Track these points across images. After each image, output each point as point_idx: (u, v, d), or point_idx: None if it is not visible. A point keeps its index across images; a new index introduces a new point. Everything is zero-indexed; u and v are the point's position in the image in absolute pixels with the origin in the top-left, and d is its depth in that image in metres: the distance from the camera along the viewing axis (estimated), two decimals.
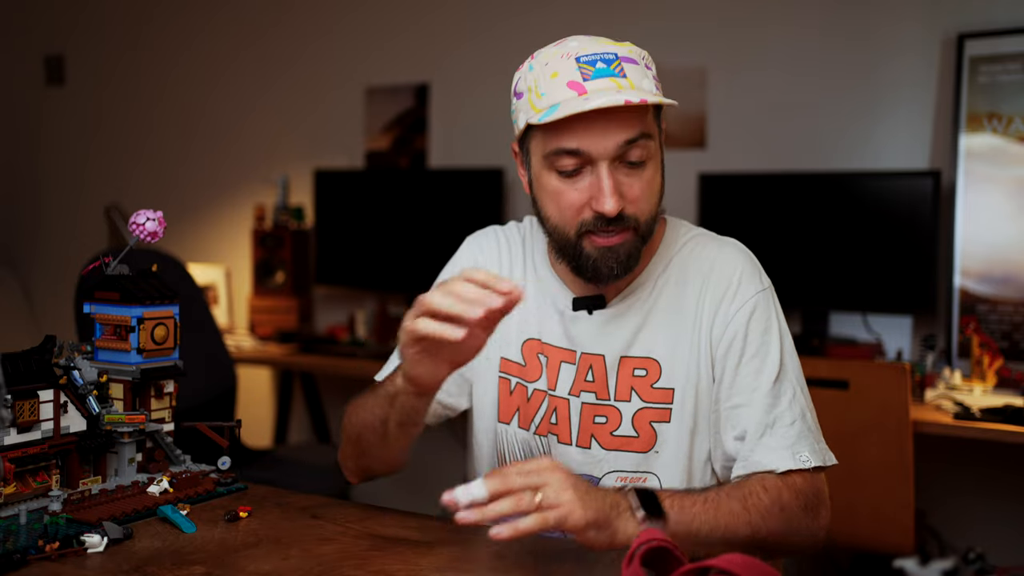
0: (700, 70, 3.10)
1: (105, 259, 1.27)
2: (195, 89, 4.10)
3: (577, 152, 1.15)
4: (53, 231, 4.52)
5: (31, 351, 1.13)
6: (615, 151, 1.15)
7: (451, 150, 3.53)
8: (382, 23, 3.66)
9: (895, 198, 2.69)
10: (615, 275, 1.20)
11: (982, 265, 2.67)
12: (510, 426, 1.32)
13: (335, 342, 3.33)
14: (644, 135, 1.16)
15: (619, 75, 1.15)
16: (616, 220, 1.16)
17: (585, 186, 1.17)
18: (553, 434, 1.28)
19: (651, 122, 1.19)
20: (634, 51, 1.19)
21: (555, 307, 1.31)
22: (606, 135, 1.14)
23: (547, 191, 1.21)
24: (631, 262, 1.20)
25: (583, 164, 1.16)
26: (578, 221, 1.18)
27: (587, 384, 1.27)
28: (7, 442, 1.07)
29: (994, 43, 2.67)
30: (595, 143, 1.14)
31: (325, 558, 1.03)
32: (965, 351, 2.62)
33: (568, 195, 1.18)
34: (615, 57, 1.16)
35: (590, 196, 1.17)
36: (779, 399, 1.20)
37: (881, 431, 2.14)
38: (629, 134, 1.15)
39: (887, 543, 2.15)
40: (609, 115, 1.13)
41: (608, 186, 1.15)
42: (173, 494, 1.20)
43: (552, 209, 1.21)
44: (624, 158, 1.16)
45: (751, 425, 1.19)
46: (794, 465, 1.15)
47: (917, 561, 0.76)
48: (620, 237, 1.18)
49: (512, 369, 1.32)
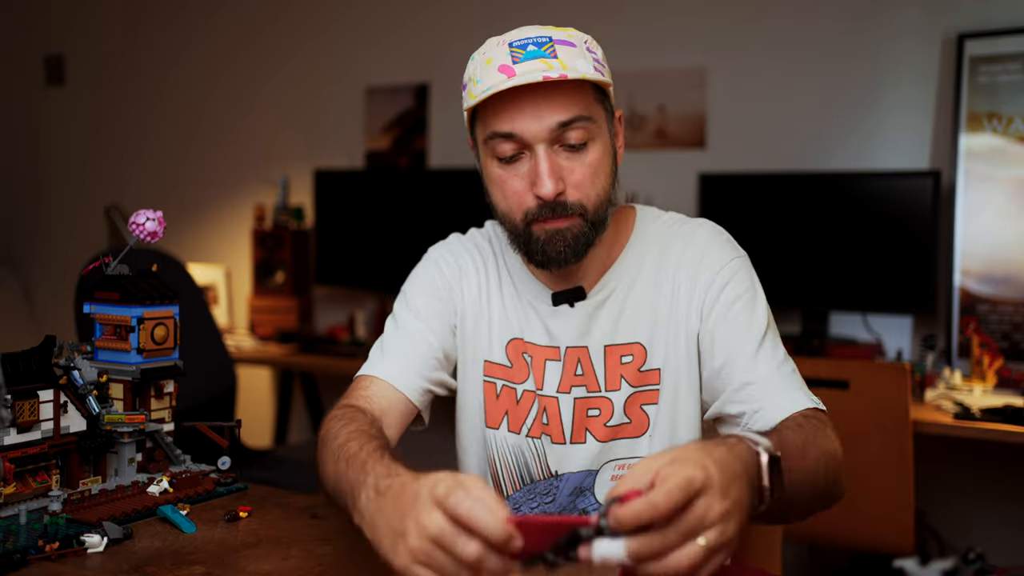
0: (700, 70, 3.10)
1: (105, 259, 1.27)
2: (195, 89, 4.10)
3: (511, 136, 1.15)
4: (53, 231, 4.52)
5: (31, 351, 1.13)
6: (549, 134, 1.14)
7: (451, 150, 3.53)
8: (382, 23, 3.66)
9: (895, 198, 2.69)
10: (564, 259, 1.18)
11: (982, 265, 2.67)
12: (499, 431, 1.30)
13: (335, 342, 3.33)
14: (582, 117, 1.14)
15: (550, 56, 1.13)
16: (560, 207, 1.15)
17: (525, 172, 1.16)
18: (546, 435, 1.27)
19: (593, 105, 1.17)
20: (573, 35, 1.18)
21: (532, 305, 1.30)
22: (538, 117, 1.13)
23: (492, 179, 1.21)
24: (580, 246, 1.18)
25: (520, 149, 1.16)
26: (523, 208, 1.17)
27: (577, 379, 1.26)
28: (7, 442, 1.07)
29: (994, 43, 2.67)
30: (527, 125, 1.13)
31: (325, 558, 1.03)
32: (965, 351, 2.62)
33: (510, 182, 1.18)
34: (548, 40, 1.15)
35: (530, 181, 1.16)
36: (776, 349, 1.20)
37: (881, 431, 2.13)
38: (563, 115, 1.13)
39: (887, 543, 2.15)
40: (540, 97, 1.12)
41: (545, 168, 1.13)
42: (173, 494, 1.20)
43: (498, 196, 1.21)
44: (562, 141, 1.15)
45: (754, 375, 1.18)
46: (812, 404, 1.15)
47: (917, 561, 0.76)
48: (566, 222, 1.16)
49: (497, 372, 1.30)
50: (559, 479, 1.26)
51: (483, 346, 1.31)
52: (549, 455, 1.27)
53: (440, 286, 1.33)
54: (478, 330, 1.32)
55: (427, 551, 0.77)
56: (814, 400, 1.16)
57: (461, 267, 1.35)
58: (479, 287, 1.33)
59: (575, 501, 1.27)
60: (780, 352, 1.20)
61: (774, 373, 1.17)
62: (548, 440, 1.27)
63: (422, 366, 1.28)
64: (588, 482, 1.26)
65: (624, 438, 1.24)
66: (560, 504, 1.27)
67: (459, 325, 1.33)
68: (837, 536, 2.21)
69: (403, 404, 1.25)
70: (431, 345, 1.30)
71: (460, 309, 1.33)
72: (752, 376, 1.17)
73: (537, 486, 1.28)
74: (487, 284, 1.33)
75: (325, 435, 1.11)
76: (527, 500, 1.29)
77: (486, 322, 1.31)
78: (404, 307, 1.34)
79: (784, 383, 1.17)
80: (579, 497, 1.27)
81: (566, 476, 1.26)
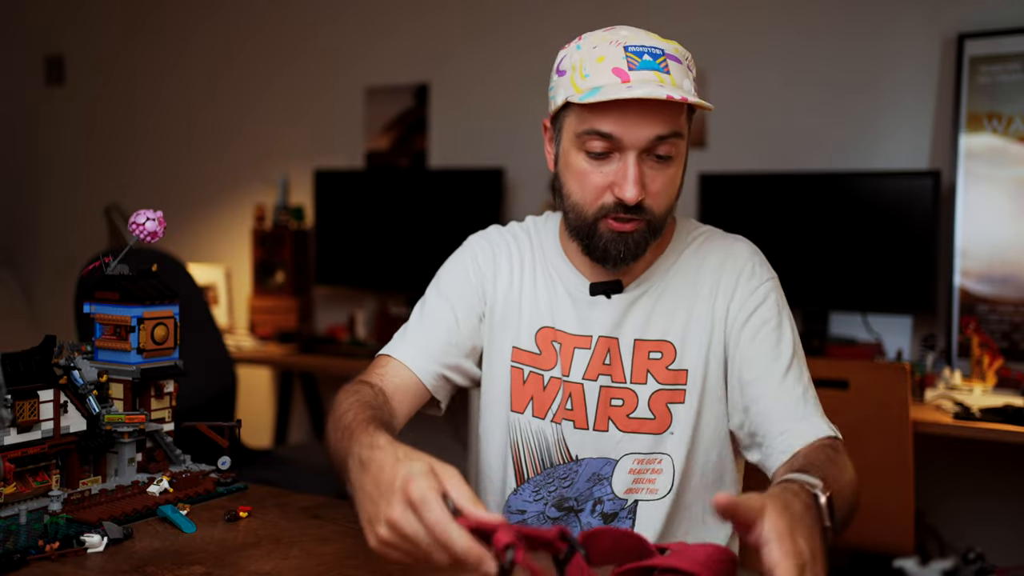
0: (700, 70, 3.08)
1: (105, 259, 1.27)
2: (195, 89, 4.10)
3: (610, 137, 1.18)
4: (53, 231, 4.52)
5: (31, 351, 1.13)
6: (646, 143, 1.18)
7: (451, 150, 3.53)
8: (382, 23, 3.66)
9: (895, 198, 2.69)
10: (622, 259, 1.23)
11: (982, 265, 2.67)
12: (524, 415, 1.33)
13: (335, 342, 3.33)
14: (676, 133, 1.19)
15: (663, 70, 1.17)
16: (634, 209, 1.20)
17: (611, 171, 1.20)
18: (568, 420, 1.30)
19: (683, 122, 1.22)
20: (680, 51, 1.22)
21: (568, 293, 1.33)
22: (641, 126, 1.17)
23: (573, 170, 1.23)
24: (639, 250, 1.23)
25: (613, 149, 1.19)
26: (598, 204, 1.21)
27: (604, 367, 1.29)
28: (7, 442, 1.07)
29: (994, 43, 2.67)
30: (629, 132, 1.17)
31: (325, 558, 1.03)
32: (965, 351, 2.62)
33: (593, 177, 1.21)
34: (661, 52, 1.19)
35: (613, 181, 1.19)
36: (802, 375, 1.25)
37: (881, 431, 2.13)
38: (663, 129, 1.17)
39: (887, 543, 2.15)
40: (647, 108, 1.16)
41: (633, 175, 1.17)
42: (173, 494, 1.20)
43: (575, 187, 1.24)
44: (653, 151, 1.19)
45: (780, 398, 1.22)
46: (832, 432, 1.20)
47: (917, 561, 0.76)
48: (633, 225, 1.21)
49: (524, 358, 1.33)
50: (579, 464, 1.29)
51: (512, 333, 1.34)
52: (570, 440, 1.29)
53: (472, 274, 1.37)
54: (508, 318, 1.35)
55: (396, 542, 0.83)
56: (833, 429, 1.20)
57: (496, 256, 1.38)
58: (511, 276, 1.36)
59: (592, 488, 1.29)
60: (805, 378, 1.25)
61: (799, 399, 1.22)
62: (571, 426, 1.30)
63: (440, 351, 1.32)
64: (607, 470, 1.28)
65: (646, 433, 1.27)
66: (578, 489, 1.29)
67: (488, 314, 1.36)
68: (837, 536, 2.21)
69: (415, 387, 1.30)
70: (452, 331, 1.33)
71: (491, 298, 1.36)
72: (778, 399, 1.22)
73: (557, 470, 1.30)
74: (521, 273, 1.36)
75: (333, 407, 1.16)
76: (546, 483, 1.31)
77: (516, 310, 1.35)
78: (435, 292, 1.38)
79: (807, 410, 1.22)
80: (596, 485, 1.29)
81: (586, 461, 1.29)
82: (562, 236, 1.34)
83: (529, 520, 1.31)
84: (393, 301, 3.42)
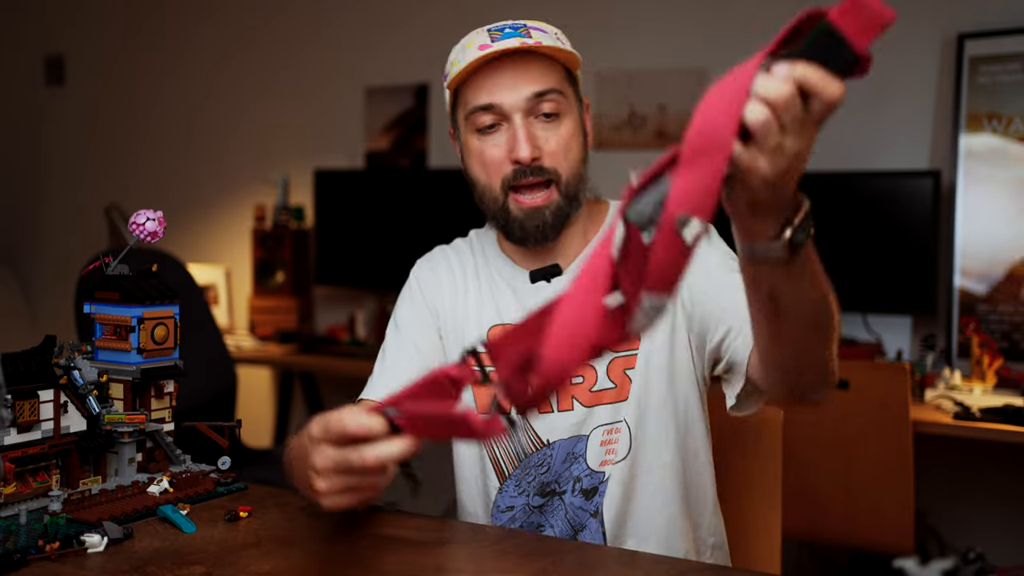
0: (700, 70, 3.09)
1: (105, 259, 1.27)
2: (195, 89, 4.10)
3: (490, 107, 1.24)
4: (53, 231, 4.52)
5: (31, 351, 1.13)
6: (525, 103, 1.23)
7: (451, 150, 3.51)
8: (382, 23, 3.66)
9: (895, 198, 2.69)
10: (542, 234, 1.27)
11: (982, 265, 2.67)
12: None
13: (335, 342, 3.33)
14: (554, 90, 1.24)
15: (524, 36, 1.23)
16: (535, 171, 1.24)
17: (503, 140, 1.25)
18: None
19: (564, 83, 1.26)
20: (547, 26, 1.28)
21: (510, 287, 1.34)
22: (514, 87, 1.23)
23: (472, 154, 1.29)
24: (557, 220, 1.26)
25: (499, 119, 1.25)
26: (500, 176, 1.26)
27: None
28: (7, 442, 1.07)
29: (994, 43, 2.67)
30: (504, 95, 1.23)
31: (325, 558, 1.03)
32: (965, 351, 2.62)
33: (489, 152, 1.26)
34: (523, 25, 1.26)
35: (508, 149, 1.24)
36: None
37: (881, 431, 2.13)
38: (537, 86, 1.23)
39: (887, 543, 2.15)
40: (517, 69, 1.23)
41: (522, 135, 1.23)
42: (173, 494, 1.20)
43: (478, 170, 1.29)
44: (536, 112, 1.24)
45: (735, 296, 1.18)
46: None
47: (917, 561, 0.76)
48: (544, 197, 1.25)
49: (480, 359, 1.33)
50: (551, 447, 1.29)
51: (466, 339, 1.35)
52: (539, 427, 1.30)
53: (418, 299, 1.40)
54: (458, 326, 1.36)
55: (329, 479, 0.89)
56: None
57: (437, 274, 1.41)
58: (455, 288, 1.38)
59: (569, 468, 1.29)
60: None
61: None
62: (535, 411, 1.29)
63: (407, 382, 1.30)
64: (580, 447, 1.29)
65: (609, 403, 1.28)
66: (555, 472, 1.30)
67: (442, 328, 1.38)
68: (837, 536, 2.21)
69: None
70: (414, 359, 1.34)
71: (442, 314, 1.38)
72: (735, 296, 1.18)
73: (531, 459, 1.31)
74: (464, 282, 1.38)
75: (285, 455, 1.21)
76: (524, 475, 1.31)
77: (464, 317, 1.36)
78: (392, 330, 1.41)
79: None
80: (573, 464, 1.29)
81: (557, 443, 1.29)
82: (499, 236, 1.38)
83: (517, 513, 1.32)
84: (393, 301, 3.41)
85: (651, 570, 1.04)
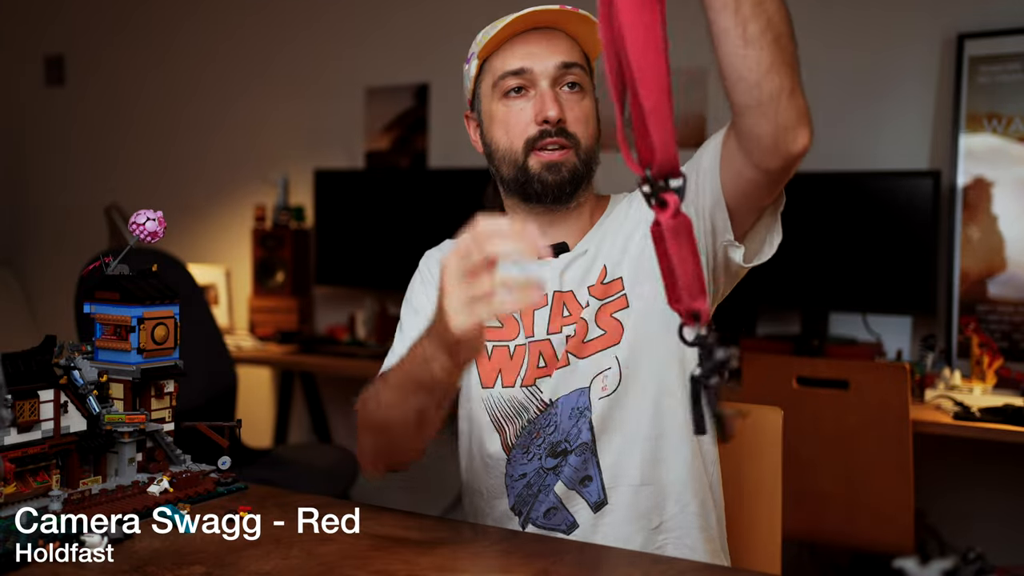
0: (700, 70, 3.10)
1: (105, 259, 1.27)
2: (195, 89, 4.10)
3: (521, 71, 1.30)
4: (53, 231, 4.52)
5: (31, 351, 1.13)
6: (554, 71, 1.29)
7: (451, 150, 3.52)
8: (382, 23, 3.66)
9: (895, 198, 2.69)
10: (560, 187, 1.30)
11: (982, 265, 2.67)
12: (494, 389, 1.34)
13: (335, 342, 3.33)
14: (579, 65, 1.31)
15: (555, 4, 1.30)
16: (560, 133, 1.28)
17: (530, 105, 1.30)
18: (539, 379, 1.32)
19: (587, 67, 1.33)
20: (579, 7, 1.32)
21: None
22: (546, 55, 1.30)
23: (497, 120, 1.33)
24: (575, 179, 1.31)
25: (526, 85, 1.30)
26: (524, 137, 1.30)
27: (565, 320, 1.32)
28: (7, 442, 1.07)
29: (994, 43, 2.67)
30: (536, 61, 1.29)
31: (325, 558, 1.03)
32: (965, 351, 2.62)
33: (514, 115, 1.31)
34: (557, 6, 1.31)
35: (535, 112, 1.29)
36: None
37: (881, 431, 2.13)
38: (566, 57, 1.30)
39: (887, 543, 2.15)
40: (549, 40, 1.30)
41: (550, 96, 1.28)
42: (173, 494, 1.20)
43: (501, 134, 1.33)
44: (563, 81, 1.30)
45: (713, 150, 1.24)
46: None
47: (917, 561, 0.76)
48: (562, 153, 1.29)
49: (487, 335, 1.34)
50: (555, 406, 1.30)
51: None
52: (543, 389, 1.31)
53: (430, 281, 1.44)
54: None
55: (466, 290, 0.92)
56: None
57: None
58: None
59: (576, 424, 1.29)
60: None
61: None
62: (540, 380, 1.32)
63: None
64: (583, 401, 1.29)
65: (603, 350, 1.29)
66: (564, 430, 1.30)
67: None
68: (837, 536, 2.21)
69: None
70: None
71: None
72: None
73: (536, 422, 1.31)
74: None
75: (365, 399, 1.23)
76: (532, 439, 1.31)
77: None
78: (407, 309, 1.45)
79: None
80: (580, 419, 1.29)
81: (561, 401, 1.30)
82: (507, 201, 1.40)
83: (532, 479, 1.32)
84: (393, 301, 3.42)
85: (650, 570, 1.04)
